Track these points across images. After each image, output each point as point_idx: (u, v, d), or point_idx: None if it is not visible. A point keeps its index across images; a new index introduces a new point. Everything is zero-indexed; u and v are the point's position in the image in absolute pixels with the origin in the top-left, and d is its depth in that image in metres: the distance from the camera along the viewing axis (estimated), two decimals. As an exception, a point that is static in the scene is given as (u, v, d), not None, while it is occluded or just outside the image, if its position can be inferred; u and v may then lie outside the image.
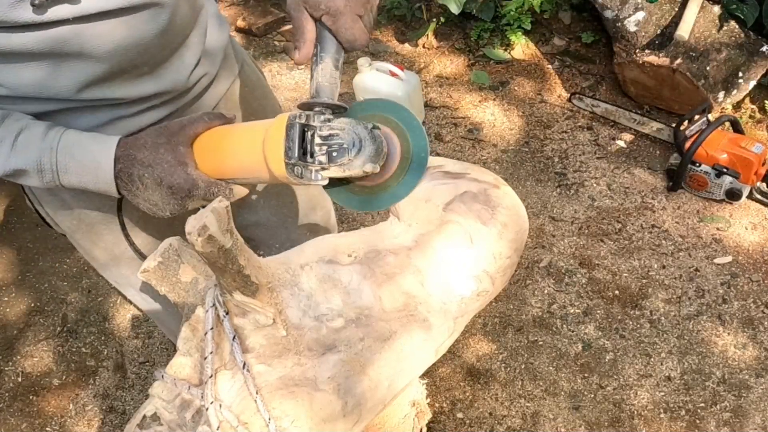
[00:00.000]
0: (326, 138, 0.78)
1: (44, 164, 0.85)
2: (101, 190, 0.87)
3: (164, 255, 0.84)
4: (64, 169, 0.85)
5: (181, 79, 0.97)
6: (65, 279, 2.27)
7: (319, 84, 0.82)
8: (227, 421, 0.74)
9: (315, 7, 0.81)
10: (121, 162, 0.86)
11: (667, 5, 2.50)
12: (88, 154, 0.85)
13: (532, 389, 1.89)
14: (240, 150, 0.85)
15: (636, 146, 2.50)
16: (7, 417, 1.95)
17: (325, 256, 0.84)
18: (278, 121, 0.80)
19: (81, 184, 0.87)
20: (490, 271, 0.86)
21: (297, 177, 0.79)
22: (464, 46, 2.93)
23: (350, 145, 0.78)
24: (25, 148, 0.84)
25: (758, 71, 2.42)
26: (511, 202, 0.90)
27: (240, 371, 0.75)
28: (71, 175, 0.86)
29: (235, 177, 0.87)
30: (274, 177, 0.82)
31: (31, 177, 0.86)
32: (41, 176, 0.86)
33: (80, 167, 0.85)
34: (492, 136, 2.60)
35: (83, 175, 0.86)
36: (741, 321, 1.99)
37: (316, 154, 0.78)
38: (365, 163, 0.78)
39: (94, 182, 0.86)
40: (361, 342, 0.79)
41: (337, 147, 0.78)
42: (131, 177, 0.85)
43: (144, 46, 0.88)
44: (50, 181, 0.86)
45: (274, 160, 0.80)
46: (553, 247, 2.21)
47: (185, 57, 0.97)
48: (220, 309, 0.77)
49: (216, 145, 0.88)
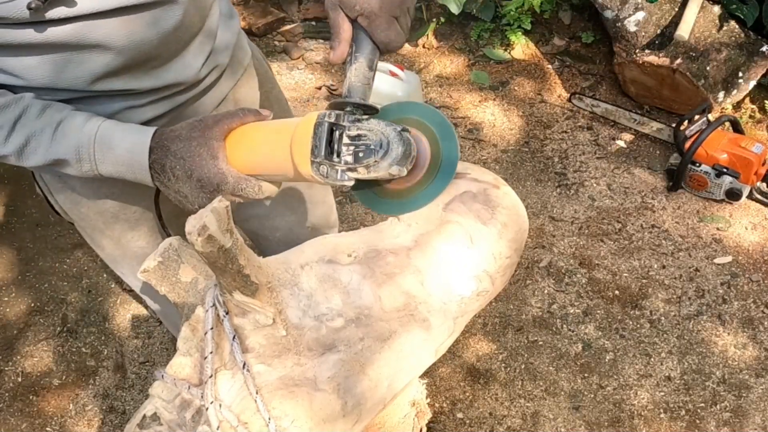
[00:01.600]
0: (354, 138, 0.78)
1: (83, 154, 0.86)
2: (138, 179, 0.89)
3: (164, 255, 0.84)
4: (101, 159, 0.87)
5: (192, 72, 0.98)
6: (65, 279, 2.26)
7: (352, 84, 0.82)
8: (227, 420, 0.74)
9: (350, 8, 0.82)
10: (156, 152, 0.87)
11: (667, 5, 2.50)
12: (124, 144, 0.87)
13: (532, 389, 1.89)
14: (268, 146, 0.85)
15: (636, 146, 2.50)
16: (7, 417, 1.95)
17: (325, 256, 0.84)
18: (307, 119, 0.80)
19: (118, 174, 0.88)
20: (490, 271, 0.86)
21: (322, 176, 0.79)
22: (464, 46, 2.93)
23: (377, 147, 0.77)
24: (64, 138, 0.86)
25: (758, 71, 2.42)
26: (511, 202, 0.90)
27: (240, 371, 0.75)
28: (108, 165, 0.87)
29: (264, 173, 0.87)
30: (300, 175, 0.81)
31: (71, 166, 0.88)
32: (80, 165, 0.87)
33: (116, 157, 0.87)
34: (492, 136, 2.60)
35: (119, 165, 0.87)
36: (741, 321, 1.99)
37: (343, 153, 0.78)
38: (391, 166, 0.77)
39: (131, 172, 0.88)
40: (361, 342, 0.79)
41: (364, 148, 0.78)
42: (164, 168, 0.87)
43: (158, 40, 0.89)
44: (89, 170, 0.88)
45: (301, 158, 0.79)
46: (553, 247, 2.21)
47: (196, 51, 0.98)
48: (220, 309, 0.77)
49: (247, 140, 0.88)
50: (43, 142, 0.86)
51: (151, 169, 0.87)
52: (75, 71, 0.86)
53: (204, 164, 0.85)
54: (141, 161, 0.87)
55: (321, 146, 0.78)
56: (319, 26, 3.10)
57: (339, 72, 2.93)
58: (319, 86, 2.85)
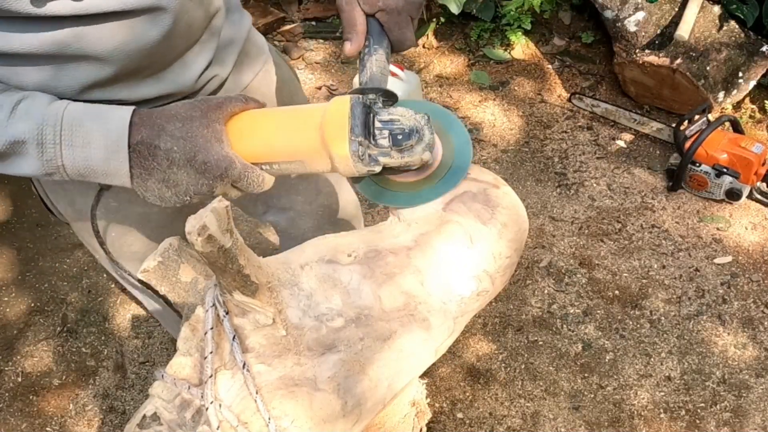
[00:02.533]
0: (386, 123, 0.78)
1: (46, 134, 0.75)
2: (110, 169, 0.77)
3: (164, 255, 0.84)
4: (68, 140, 0.75)
5: (188, 82, 0.94)
6: (65, 279, 2.27)
7: (373, 73, 0.83)
8: (227, 420, 0.74)
9: (371, 3, 0.84)
10: (142, 132, 0.76)
11: (667, 5, 2.50)
12: (99, 121, 0.76)
13: (532, 389, 1.89)
14: (287, 130, 0.80)
15: (636, 146, 2.50)
16: (7, 417, 1.95)
17: (325, 256, 0.84)
18: (339, 100, 0.78)
19: (85, 163, 0.76)
20: (490, 271, 0.86)
21: (358, 158, 0.76)
22: (464, 46, 2.93)
23: (412, 131, 0.77)
24: (26, 114, 0.75)
25: (758, 71, 2.42)
26: (510, 202, 0.90)
27: (240, 371, 0.75)
28: (76, 149, 0.75)
29: (275, 160, 0.81)
30: (328, 159, 0.78)
31: (28, 154, 0.75)
32: (41, 151, 0.74)
33: (87, 136, 0.75)
34: (492, 136, 2.60)
35: (91, 148, 0.75)
36: (741, 321, 1.99)
37: (377, 137, 0.77)
38: (424, 151, 0.78)
39: (104, 157, 0.76)
40: (361, 342, 0.79)
41: (399, 131, 0.77)
42: (154, 150, 0.76)
43: (147, 50, 0.86)
44: (51, 159, 0.75)
45: (336, 138, 0.76)
46: (553, 247, 2.21)
47: (193, 60, 0.94)
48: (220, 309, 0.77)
49: (256, 125, 0.82)
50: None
51: (134, 153, 0.76)
52: (64, 80, 0.82)
53: (209, 147, 0.77)
54: (119, 141, 0.75)
55: (359, 125, 0.76)
56: (320, 26, 3.11)
57: (339, 72, 2.93)
58: (319, 86, 2.85)
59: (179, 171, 0.77)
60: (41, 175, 0.77)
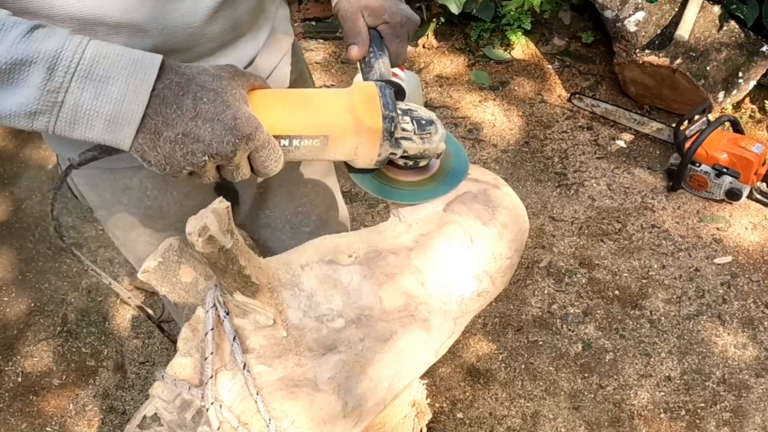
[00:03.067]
0: (406, 110, 0.81)
1: (63, 59, 0.66)
2: (120, 115, 0.68)
3: (164, 255, 0.84)
4: (85, 71, 0.67)
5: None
6: (65, 279, 2.26)
7: (382, 73, 0.88)
8: (228, 421, 0.74)
9: (377, 15, 0.90)
10: (172, 77, 0.70)
11: (667, 5, 2.50)
12: (127, 56, 0.69)
13: (532, 389, 1.89)
14: (318, 102, 0.79)
15: (636, 146, 2.50)
16: (7, 417, 1.95)
17: (325, 257, 0.84)
18: (362, 83, 0.80)
19: (94, 101, 0.67)
20: (491, 272, 0.86)
21: (387, 135, 0.77)
22: (464, 46, 2.93)
23: (429, 120, 0.81)
24: (45, 36, 0.67)
25: (758, 71, 2.42)
26: (511, 202, 0.90)
27: (240, 372, 0.75)
28: (90, 83, 0.67)
29: (299, 134, 0.77)
30: (354, 136, 0.77)
31: (28, 82, 0.66)
32: (48, 78, 0.66)
33: (111, 70, 0.68)
34: (492, 136, 2.60)
35: (109, 84, 0.67)
36: (741, 321, 1.99)
37: (400, 121, 0.79)
38: (441, 140, 0.82)
39: (120, 96, 0.68)
40: (362, 342, 0.79)
41: (419, 118, 0.81)
42: (182, 97, 0.69)
43: (191, 29, 0.85)
44: (54, 89, 0.66)
45: (370, 110, 0.77)
46: (553, 247, 2.21)
47: (242, 48, 0.94)
48: (221, 309, 0.77)
49: (281, 98, 0.79)
50: (9, 35, 0.66)
51: (155, 98, 0.69)
52: None
53: (239, 105, 0.71)
54: (144, 80, 0.68)
55: (390, 102, 0.78)
56: (320, 26, 3.10)
57: (339, 72, 2.93)
58: (319, 86, 2.85)
59: (204, 125, 0.69)
60: (23, 113, 0.67)
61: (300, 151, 0.78)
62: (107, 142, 0.70)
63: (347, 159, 0.82)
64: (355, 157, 0.80)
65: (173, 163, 0.70)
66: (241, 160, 0.73)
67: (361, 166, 0.83)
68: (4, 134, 2.78)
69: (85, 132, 0.69)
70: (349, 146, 0.79)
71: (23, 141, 2.74)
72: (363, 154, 0.80)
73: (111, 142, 0.70)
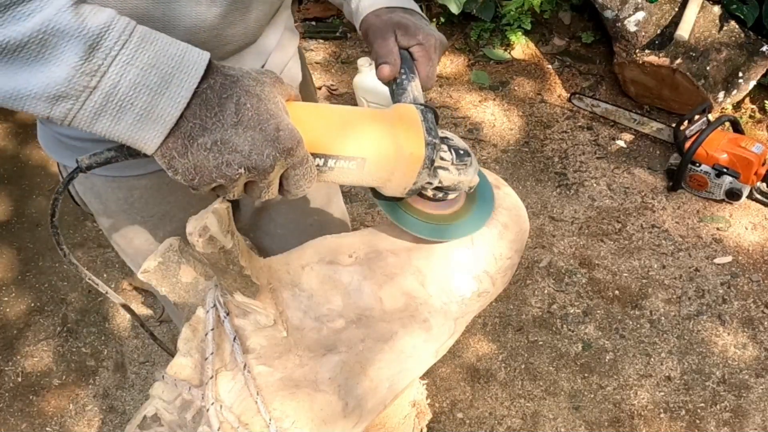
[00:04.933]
0: (443, 139, 0.77)
1: (109, 38, 0.59)
2: (156, 112, 0.61)
3: (164, 255, 0.83)
4: (131, 54, 0.60)
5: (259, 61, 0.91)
6: (65, 279, 2.26)
7: (416, 96, 0.84)
8: (228, 422, 0.74)
9: (412, 35, 0.86)
10: (217, 78, 0.64)
11: (667, 5, 2.50)
12: (176, 46, 0.63)
13: (532, 389, 1.89)
14: (359, 122, 0.73)
15: (636, 146, 2.50)
16: (7, 417, 1.95)
17: (325, 257, 0.84)
18: (402, 106, 0.76)
19: (131, 91, 0.60)
20: (491, 272, 0.86)
21: (428, 164, 0.72)
22: (464, 46, 2.93)
23: (466, 151, 0.77)
24: (91, 13, 0.59)
25: (758, 71, 2.42)
26: (511, 202, 0.90)
27: (241, 372, 0.75)
28: (132, 69, 0.60)
29: (336, 154, 0.72)
30: (393, 163, 0.72)
31: (63, 57, 0.58)
32: (87, 57, 0.58)
33: (157, 57, 0.61)
34: (492, 136, 2.60)
35: (151, 74, 0.60)
36: (741, 321, 1.99)
37: (440, 150, 0.75)
38: (474, 173, 0.78)
39: (159, 89, 0.61)
40: (362, 343, 0.79)
41: (456, 148, 0.76)
42: (225, 100, 0.63)
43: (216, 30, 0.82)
44: (90, 72, 0.58)
45: (414, 136, 0.72)
46: (553, 247, 2.21)
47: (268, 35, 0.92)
48: (221, 310, 0.77)
49: (318, 114, 0.73)
50: (56, 1, 0.57)
51: (196, 98, 0.62)
52: (168, 13, 0.76)
53: (282, 115, 0.65)
54: (191, 75, 0.62)
55: (433, 129, 0.73)
56: (320, 26, 3.10)
57: (339, 72, 2.93)
58: (320, 86, 2.85)
59: (245, 133, 0.62)
60: (45, 95, 0.59)
61: (333, 173, 0.72)
62: (131, 140, 0.62)
63: (379, 185, 0.76)
64: (388, 183, 0.74)
65: (204, 173, 0.63)
66: (276, 177, 0.66)
67: (391, 194, 0.77)
68: (4, 134, 2.78)
69: (110, 126, 0.61)
70: (385, 172, 0.73)
71: (23, 141, 2.74)
72: (397, 181, 0.74)
73: (136, 141, 0.62)
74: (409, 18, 0.89)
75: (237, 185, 0.65)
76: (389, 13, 0.89)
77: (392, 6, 0.91)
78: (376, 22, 0.88)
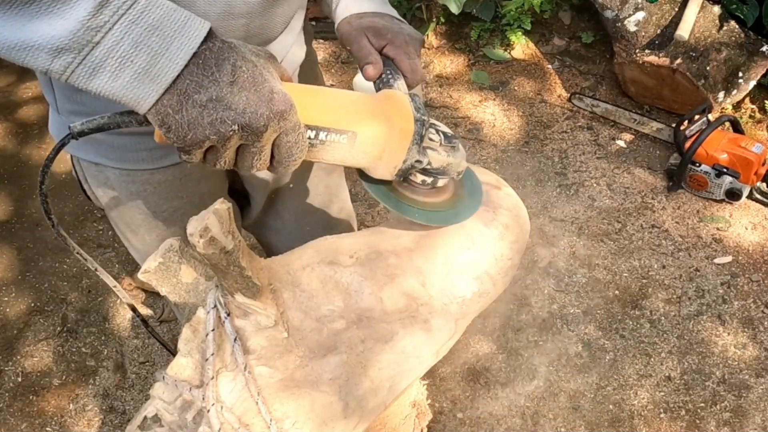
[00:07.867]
0: (431, 123, 0.79)
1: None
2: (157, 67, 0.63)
3: (165, 256, 0.83)
4: (139, 13, 0.62)
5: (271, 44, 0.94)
6: (65, 279, 2.26)
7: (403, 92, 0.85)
8: (228, 422, 0.74)
9: (381, 36, 0.89)
10: (216, 42, 0.66)
11: (667, 5, 2.50)
12: (179, 13, 0.65)
13: (532, 389, 1.89)
14: (352, 96, 0.77)
15: (636, 146, 2.50)
16: (7, 417, 1.95)
17: (326, 258, 0.84)
18: (391, 91, 0.79)
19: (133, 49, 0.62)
20: (491, 273, 0.86)
21: (417, 139, 0.75)
22: (464, 46, 2.93)
23: (453, 135, 0.79)
24: None
25: (758, 71, 2.42)
26: (512, 203, 0.90)
27: (241, 373, 0.75)
28: (138, 29, 0.62)
29: (328, 126, 0.74)
30: (384, 137, 0.75)
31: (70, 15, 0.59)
32: (97, 12, 0.60)
33: (163, 20, 0.63)
34: (492, 136, 2.60)
35: (155, 34, 0.62)
36: (741, 321, 1.99)
37: (428, 130, 0.78)
38: (463, 158, 0.80)
39: (163, 46, 0.63)
40: (363, 343, 0.79)
41: (444, 131, 0.79)
42: (222, 61, 0.65)
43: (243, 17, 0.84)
44: (100, 25, 0.60)
45: (404, 111, 0.75)
46: (553, 247, 2.21)
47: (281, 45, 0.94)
48: (222, 310, 0.77)
49: (310, 89, 0.76)
50: None
51: (195, 58, 0.65)
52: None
53: (277, 82, 0.68)
54: (192, 37, 0.64)
55: (422, 107, 0.76)
56: (319, 26, 3.10)
57: (339, 72, 2.93)
58: (319, 86, 2.85)
59: (240, 93, 0.65)
60: (48, 47, 0.60)
61: (324, 147, 0.74)
62: (125, 98, 0.63)
63: (369, 163, 0.77)
64: (378, 161, 0.76)
65: (197, 130, 0.64)
66: (268, 141, 0.69)
67: (380, 176, 0.78)
68: (4, 134, 2.78)
69: (107, 82, 0.62)
70: (376, 148, 0.75)
71: (23, 141, 2.74)
72: (387, 158, 0.76)
73: (131, 98, 0.63)
74: (378, 20, 0.92)
75: (229, 148, 0.67)
76: (359, 19, 0.93)
77: (361, 12, 0.95)
78: (348, 29, 0.93)
